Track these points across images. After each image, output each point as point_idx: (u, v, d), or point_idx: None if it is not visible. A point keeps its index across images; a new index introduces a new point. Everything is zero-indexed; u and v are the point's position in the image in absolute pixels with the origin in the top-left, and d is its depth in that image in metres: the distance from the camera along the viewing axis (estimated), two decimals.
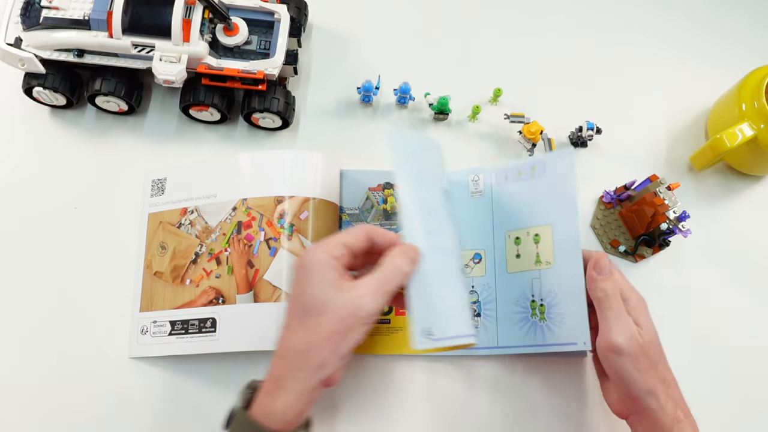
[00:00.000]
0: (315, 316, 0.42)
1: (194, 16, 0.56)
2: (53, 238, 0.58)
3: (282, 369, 0.42)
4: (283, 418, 0.42)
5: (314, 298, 0.43)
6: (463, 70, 0.67)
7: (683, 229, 0.57)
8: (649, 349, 0.47)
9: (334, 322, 0.42)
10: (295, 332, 0.43)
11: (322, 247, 0.44)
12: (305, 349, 0.42)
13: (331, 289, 0.43)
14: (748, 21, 0.71)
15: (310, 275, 0.43)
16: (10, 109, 0.62)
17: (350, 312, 0.42)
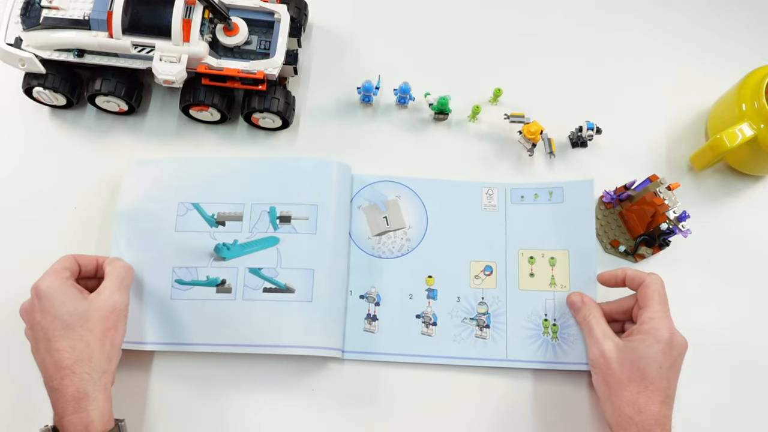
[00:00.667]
0: (80, 325, 0.47)
1: (194, 16, 0.56)
2: (53, 238, 0.58)
3: (75, 383, 0.46)
4: (102, 418, 0.46)
5: (71, 313, 0.47)
6: (463, 70, 0.67)
7: (683, 229, 0.57)
8: (622, 366, 0.49)
9: (101, 321, 0.48)
10: (70, 349, 0.46)
11: (53, 274, 0.49)
12: (88, 355, 0.47)
13: (81, 301, 0.48)
14: (748, 21, 0.71)
15: (55, 298, 0.47)
16: (10, 109, 0.62)
17: (109, 309, 0.48)
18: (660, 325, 0.50)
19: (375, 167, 0.61)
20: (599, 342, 0.51)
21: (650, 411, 0.48)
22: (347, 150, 0.62)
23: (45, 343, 0.47)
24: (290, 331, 0.54)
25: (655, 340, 0.49)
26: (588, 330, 0.53)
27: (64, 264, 0.50)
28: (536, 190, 0.61)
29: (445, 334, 0.57)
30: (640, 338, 0.50)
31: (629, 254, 0.60)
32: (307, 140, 0.63)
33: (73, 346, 0.46)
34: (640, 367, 0.49)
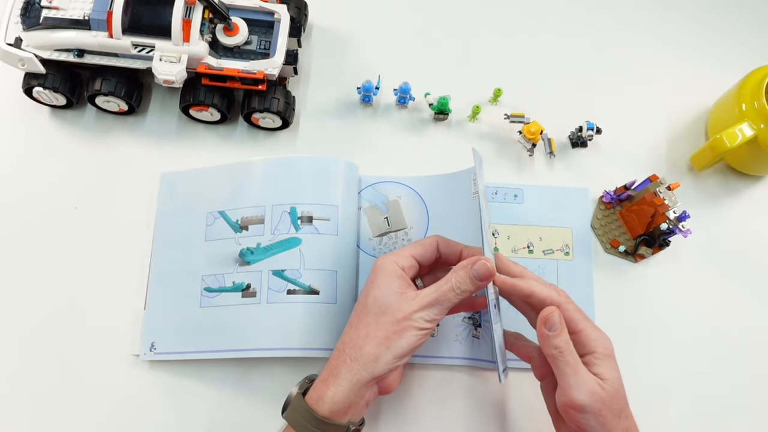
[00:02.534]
0: (375, 315, 0.46)
1: (194, 16, 0.56)
2: (53, 238, 0.58)
3: (338, 359, 0.46)
4: (332, 405, 0.45)
5: (376, 300, 0.46)
6: (463, 70, 0.67)
7: (683, 229, 0.57)
8: (613, 401, 0.44)
9: (391, 323, 0.45)
10: (354, 328, 0.47)
11: (394, 257, 0.48)
12: (361, 343, 0.46)
13: (393, 295, 0.46)
14: (748, 21, 0.71)
15: (377, 280, 0.47)
16: (10, 109, 0.62)
17: (405, 317, 0.45)
18: (604, 340, 0.46)
19: (375, 167, 0.61)
20: (588, 382, 0.44)
21: (633, 426, 0.46)
22: (347, 150, 0.62)
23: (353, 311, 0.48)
24: (315, 333, 0.53)
25: (613, 358, 0.46)
26: (573, 365, 0.44)
27: (414, 249, 0.49)
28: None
29: (447, 333, 0.57)
30: (606, 364, 0.45)
31: (629, 254, 0.60)
32: (307, 140, 0.63)
33: (358, 327, 0.46)
34: (621, 392, 0.46)
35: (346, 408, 0.45)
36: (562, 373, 0.44)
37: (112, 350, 0.55)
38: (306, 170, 0.57)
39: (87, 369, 0.55)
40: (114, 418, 0.54)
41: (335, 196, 0.57)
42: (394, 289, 0.47)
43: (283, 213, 0.56)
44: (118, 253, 0.58)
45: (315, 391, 0.46)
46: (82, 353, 0.55)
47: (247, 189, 0.58)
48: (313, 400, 0.45)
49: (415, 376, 0.56)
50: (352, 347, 0.46)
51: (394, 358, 0.45)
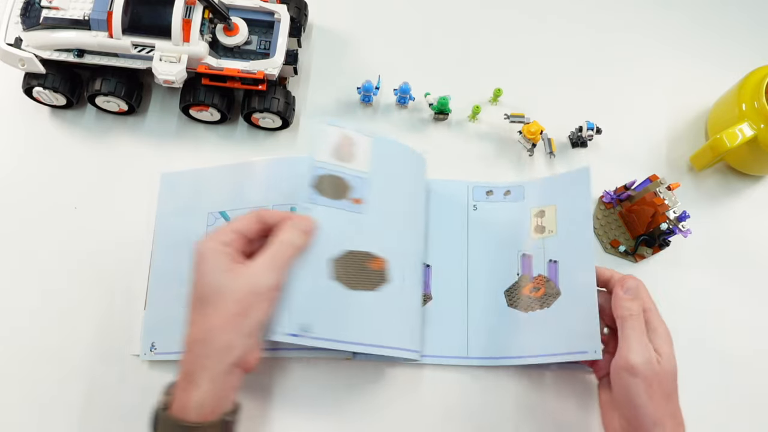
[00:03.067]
0: (212, 303, 0.43)
1: (194, 16, 0.56)
2: (53, 238, 0.58)
3: (189, 362, 0.43)
4: (201, 410, 0.42)
5: (208, 286, 0.44)
6: (463, 70, 0.67)
7: (683, 229, 0.57)
8: (665, 379, 0.46)
9: (232, 305, 0.43)
10: (195, 324, 0.44)
11: (213, 236, 0.45)
12: (206, 337, 0.43)
13: (224, 274, 0.44)
14: (748, 21, 0.71)
15: (202, 265, 0.44)
16: (10, 109, 0.62)
17: (248, 291, 0.43)
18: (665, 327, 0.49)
19: None
20: (648, 347, 0.46)
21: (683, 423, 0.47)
22: None
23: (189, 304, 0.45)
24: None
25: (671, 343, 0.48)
26: (639, 329, 0.47)
27: (233, 226, 0.46)
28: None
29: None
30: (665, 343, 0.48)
31: (629, 254, 0.60)
32: (307, 140, 0.63)
33: (199, 323, 0.44)
34: (676, 379, 0.47)
35: (213, 406, 0.43)
36: (625, 336, 0.47)
37: (113, 350, 0.55)
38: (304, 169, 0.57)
39: (87, 369, 0.55)
40: (114, 418, 0.54)
41: None
42: (222, 268, 0.44)
43: None
44: (118, 253, 0.58)
45: (177, 401, 0.43)
46: (82, 353, 0.55)
47: (249, 189, 0.57)
48: (178, 410, 0.42)
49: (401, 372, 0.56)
50: (200, 344, 0.43)
51: (246, 337, 0.44)
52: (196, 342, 0.43)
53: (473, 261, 0.59)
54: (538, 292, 0.56)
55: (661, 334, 0.48)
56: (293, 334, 0.47)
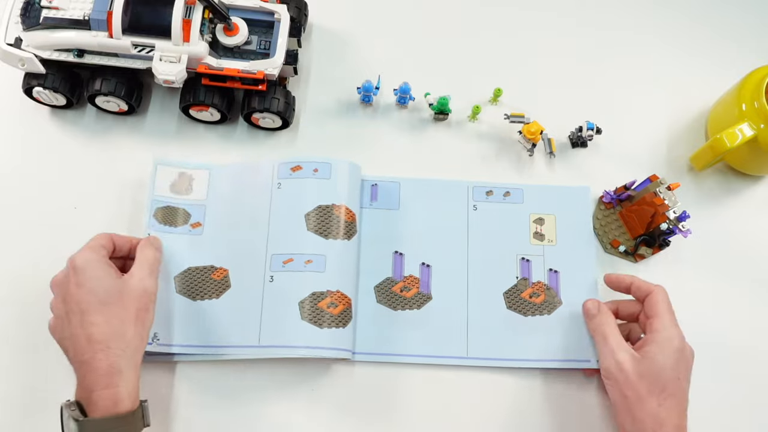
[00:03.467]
0: (115, 302, 0.47)
1: (194, 16, 0.56)
2: (53, 239, 0.58)
3: (110, 358, 0.46)
4: (131, 396, 0.46)
5: (106, 289, 0.48)
6: (463, 70, 0.67)
7: (683, 229, 0.57)
8: (643, 379, 0.48)
9: (135, 301, 0.48)
10: (106, 323, 0.47)
11: (90, 249, 0.50)
12: (122, 331, 0.47)
13: (117, 279, 0.49)
14: (748, 21, 0.71)
15: (92, 273, 0.48)
16: (10, 109, 0.62)
17: (142, 292, 0.49)
18: (673, 334, 0.50)
19: (375, 167, 0.61)
20: (614, 352, 0.50)
21: (671, 424, 0.47)
22: (347, 150, 0.62)
23: (79, 317, 0.47)
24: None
25: (671, 350, 0.49)
26: (602, 339, 0.52)
27: (101, 242, 0.51)
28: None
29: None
30: (657, 349, 0.49)
31: (629, 254, 0.60)
32: (307, 140, 0.63)
33: (109, 321, 0.47)
34: (660, 379, 0.48)
35: (137, 393, 0.47)
36: (600, 344, 0.52)
37: None
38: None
39: None
40: None
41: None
42: (113, 275, 0.49)
43: None
44: None
45: (106, 400, 0.45)
46: None
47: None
48: (110, 407, 0.45)
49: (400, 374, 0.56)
50: (117, 339, 0.46)
51: (148, 330, 0.49)
52: (113, 338, 0.46)
53: (473, 261, 0.59)
54: (538, 298, 0.58)
55: (655, 336, 0.50)
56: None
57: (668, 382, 0.48)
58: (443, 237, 0.60)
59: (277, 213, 0.57)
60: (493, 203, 0.61)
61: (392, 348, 0.56)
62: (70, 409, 0.45)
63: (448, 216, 0.60)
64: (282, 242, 0.56)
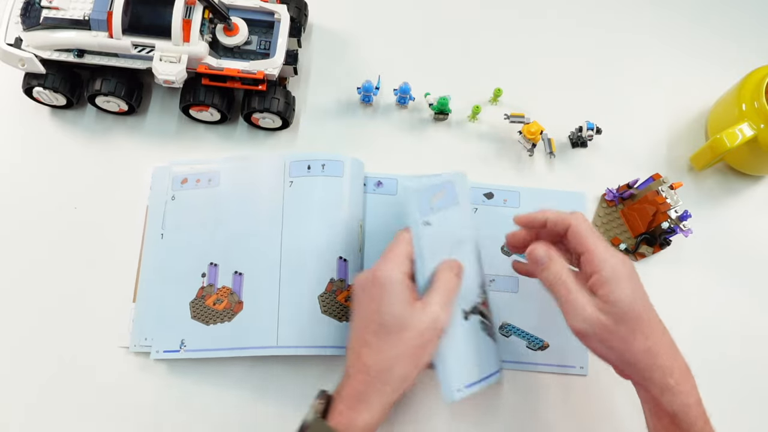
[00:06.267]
0: (395, 333, 0.45)
1: (194, 16, 0.56)
2: (53, 238, 0.58)
3: (365, 384, 0.44)
4: (366, 429, 0.44)
5: (393, 316, 0.45)
6: (463, 70, 0.67)
7: (684, 228, 0.57)
8: (620, 323, 0.44)
9: (415, 337, 0.45)
10: (377, 350, 0.45)
11: (396, 265, 0.46)
12: (390, 365, 0.44)
13: (408, 307, 0.45)
14: (748, 21, 0.71)
15: (387, 294, 0.45)
16: (10, 109, 0.62)
17: (428, 326, 0.45)
18: (615, 263, 0.45)
19: (375, 167, 0.61)
20: (584, 308, 0.44)
21: (663, 347, 0.45)
22: (347, 150, 0.62)
23: (362, 327, 0.46)
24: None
25: (625, 279, 0.45)
26: (565, 292, 0.45)
27: (406, 250, 0.47)
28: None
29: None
30: (613, 286, 0.44)
31: (630, 253, 0.60)
32: (307, 140, 0.63)
33: (381, 349, 0.45)
34: (634, 314, 0.44)
35: (376, 426, 0.45)
36: (562, 300, 0.46)
37: (111, 348, 0.55)
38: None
39: (86, 365, 0.55)
40: (117, 414, 0.54)
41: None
42: (407, 300, 0.45)
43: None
44: (118, 253, 0.58)
45: (340, 416, 0.44)
46: (80, 351, 0.55)
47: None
48: (343, 425, 0.43)
49: None
50: (380, 370, 0.44)
51: (419, 370, 0.46)
52: (378, 368, 0.44)
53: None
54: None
55: (605, 274, 0.45)
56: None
57: (642, 312, 0.45)
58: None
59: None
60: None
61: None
62: (319, 399, 0.45)
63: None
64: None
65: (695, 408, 0.45)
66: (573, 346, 0.55)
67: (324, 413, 0.44)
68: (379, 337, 0.45)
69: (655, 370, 0.44)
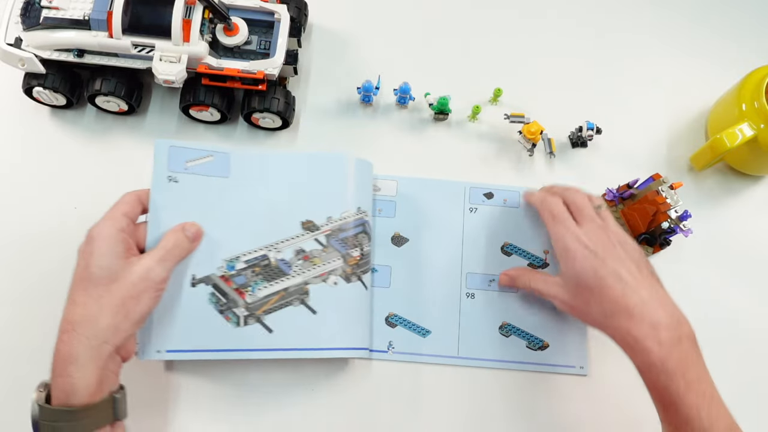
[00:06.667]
0: (104, 285, 0.44)
1: (194, 16, 0.56)
2: (53, 238, 0.58)
3: (70, 343, 0.43)
4: (86, 390, 0.42)
5: (101, 268, 0.44)
6: (463, 70, 0.67)
7: (684, 228, 0.57)
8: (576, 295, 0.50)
9: (125, 288, 0.44)
10: (82, 305, 0.44)
11: (110, 221, 0.46)
12: (95, 317, 0.43)
13: (119, 260, 0.45)
14: (748, 21, 0.71)
15: (96, 248, 0.45)
16: (10, 109, 0.62)
17: (141, 277, 0.45)
18: (554, 240, 0.52)
19: (375, 167, 0.61)
20: (549, 295, 0.53)
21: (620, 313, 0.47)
22: (347, 150, 0.62)
23: (70, 289, 0.45)
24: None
25: (561, 253, 0.51)
26: (537, 291, 0.54)
27: (124, 209, 0.48)
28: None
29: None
30: (561, 264, 0.52)
31: None
32: (307, 140, 0.63)
33: (86, 302, 0.44)
34: (584, 285, 0.49)
35: (99, 385, 0.43)
36: (538, 294, 0.54)
37: None
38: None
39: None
40: None
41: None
42: (119, 254, 0.45)
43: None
44: None
45: (59, 389, 0.42)
46: None
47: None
48: (63, 398, 0.42)
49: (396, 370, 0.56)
50: (85, 323, 0.43)
51: (133, 324, 0.45)
52: (83, 322, 0.43)
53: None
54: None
55: (556, 256, 0.52)
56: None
57: (592, 283, 0.49)
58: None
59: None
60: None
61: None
62: (39, 390, 0.43)
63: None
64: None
65: (658, 365, 0.45)
66: (573, 346, 0.56)
67: (48, 400, 0.43)
68: (87, 292, 0.44)
69: (614, 331, 0.48)
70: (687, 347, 0.46)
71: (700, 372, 0.46)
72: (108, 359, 0.44)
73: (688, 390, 0.45)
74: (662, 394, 0.46)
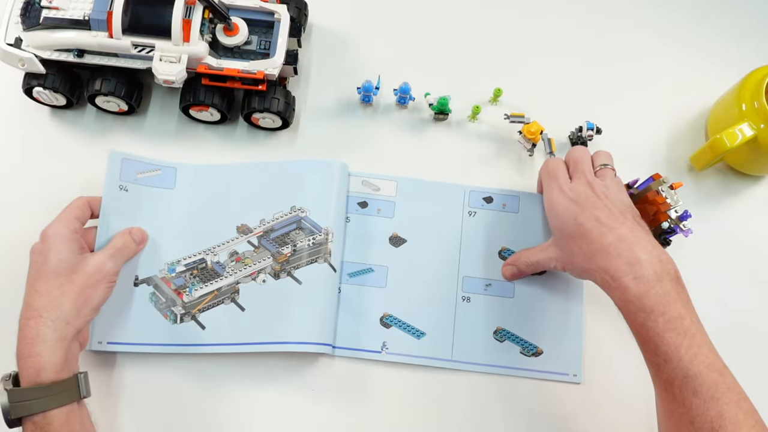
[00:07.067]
0: (65, 275, 0.49)
1: (194, 16, 0.56)
2: None
3: (37, 326, 0.47)
4: (54, 366, 0.46)
5: (61, 261, 0.49)
6: (463, 70, 0.67)
7: (684, 228, 0.57)
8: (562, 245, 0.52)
9: (83, 278, 0.49)
10: (46, 293, 0.48)
11: (64, 223, 0.51)
12: (59, 303, 0.48)
13: (76, 255, 0.50)
14: (748, 21, 0.71)
15: (54, 245, 0.49)
16: (10, 109, 0.62)
17: (96, 269, 0.50)
18: (545, 200, 0.55)
19: (375, 167, 0.61)
20: (546, 259, 0.54)
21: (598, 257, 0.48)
22: (347, 150, 0.62)
23: (30, 282, 0.49)
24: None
25: (548, 211, 0.54)
26: (536, 264, 0.55)
27: (75, 213, 0.52)
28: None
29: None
30: (548, 216, 0.54)
31: None
32: (307, 140, 0.63)
33: (49, 291, 0.48)
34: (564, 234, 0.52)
35: (65, 363, 0.47)
36: (539, 266, 0.56)
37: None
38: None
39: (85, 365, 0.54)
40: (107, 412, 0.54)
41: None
42: (74, 250, 0.50)
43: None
44: None
45: (28, 369, 0.46)
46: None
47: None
48: (34, 375, 0.45)
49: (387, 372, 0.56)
50: (50, 309, 0.47)
51: (92, 310, 0.50)
52: (48, 308, 0.47)
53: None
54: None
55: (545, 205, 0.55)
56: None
57: (573, 232, 0.50)
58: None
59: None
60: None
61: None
62: (4, 379, 0.47)
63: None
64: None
65: (635, 303, 0.46)
66: (567, 353, 0.56)
67: (16, 384, 0.46)
68: (49, 282, 0.48)
69: (595, 274, 0.49)
70: (668, 285, 0.46)
71: (681, 310, 0.45)
72: (71, 341, 0.48)
73: (667, 328, 0.44)
74: (640, 332, 0.46)
